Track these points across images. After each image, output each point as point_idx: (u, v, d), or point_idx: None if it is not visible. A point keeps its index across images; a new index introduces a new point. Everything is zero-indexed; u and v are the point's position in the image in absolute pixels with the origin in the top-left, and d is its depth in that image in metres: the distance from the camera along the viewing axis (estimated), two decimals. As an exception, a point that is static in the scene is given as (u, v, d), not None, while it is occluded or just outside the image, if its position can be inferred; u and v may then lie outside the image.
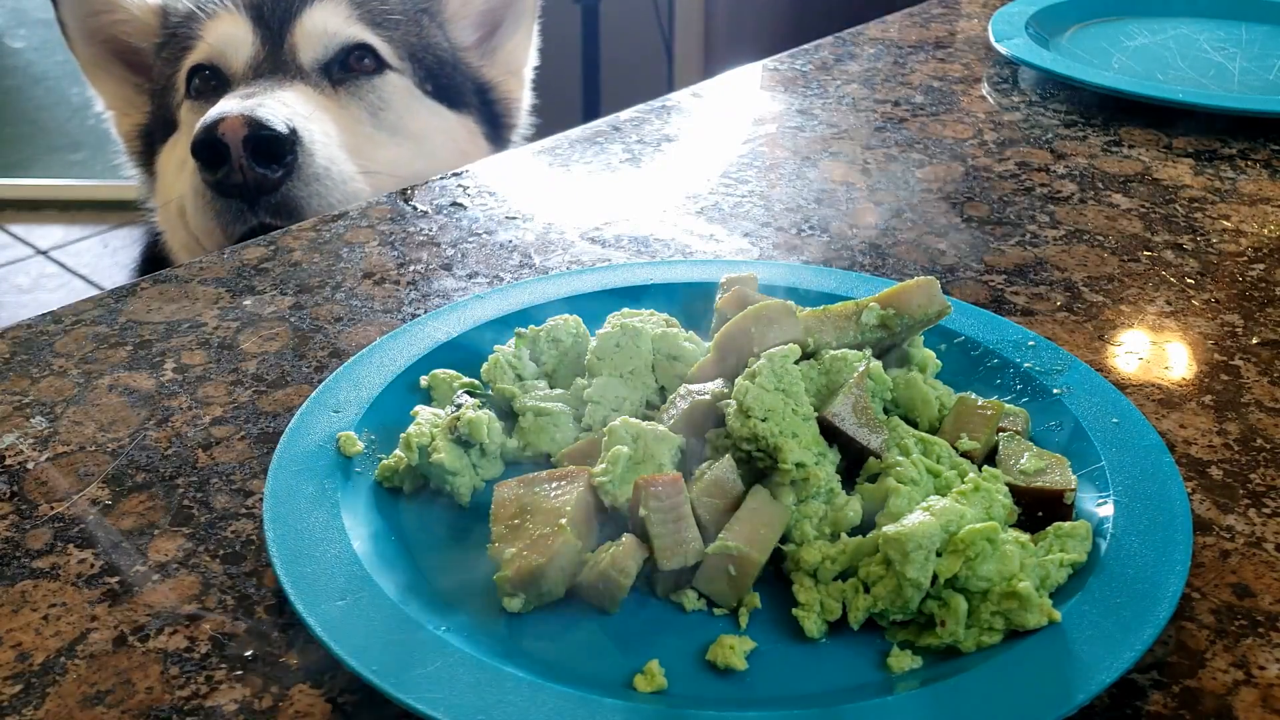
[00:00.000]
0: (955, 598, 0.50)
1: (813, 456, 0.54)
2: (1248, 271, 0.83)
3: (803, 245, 0.87)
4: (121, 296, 0.79)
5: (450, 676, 0.46)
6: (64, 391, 0.69)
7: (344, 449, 0.59)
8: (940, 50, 1.31)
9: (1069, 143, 1.06)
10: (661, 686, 0.48)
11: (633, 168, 1.01)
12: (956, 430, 0.59)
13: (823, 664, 0.49)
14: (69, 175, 3.37)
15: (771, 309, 0.60)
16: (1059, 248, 0.86)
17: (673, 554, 0.51)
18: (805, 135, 1.07)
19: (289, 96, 1.15)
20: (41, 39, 3.72)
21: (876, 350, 0.62)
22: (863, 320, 0.62)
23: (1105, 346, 0.74)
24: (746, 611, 0.52)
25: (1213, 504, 0.59)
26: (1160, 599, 0.49)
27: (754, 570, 0.51)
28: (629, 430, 0.55)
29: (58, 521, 0.58)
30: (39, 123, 3.55)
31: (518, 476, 0.55)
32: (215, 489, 0.60)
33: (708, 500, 0.53)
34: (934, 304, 0.62)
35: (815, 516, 0.54)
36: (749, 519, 0.52)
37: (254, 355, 0.72)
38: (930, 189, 0.96)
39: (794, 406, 0.55)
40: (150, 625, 0.52)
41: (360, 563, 0.52)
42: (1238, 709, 0.48)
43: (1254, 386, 0.69)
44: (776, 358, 0.56)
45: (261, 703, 0.48)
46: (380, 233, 0.88)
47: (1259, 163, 1.01)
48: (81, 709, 0.47)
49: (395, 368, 0.65)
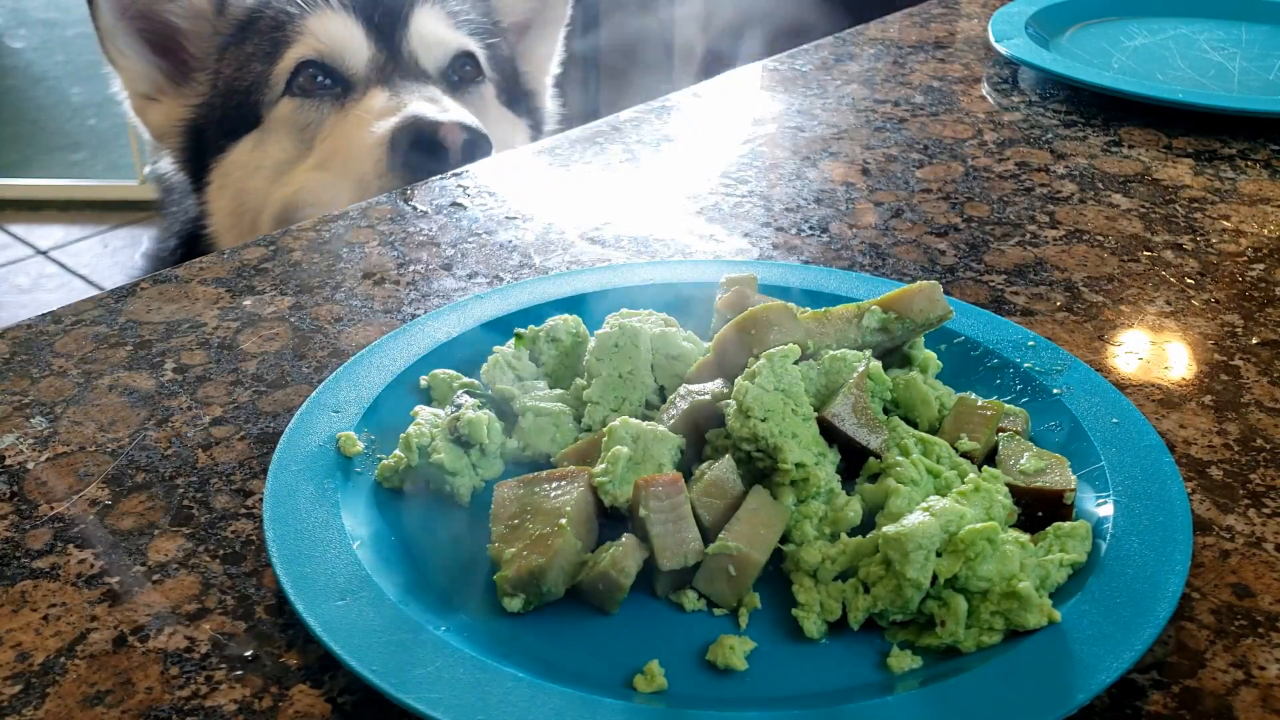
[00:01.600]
0: (955, 598, 0.50)
1: (813, 457, 0.54)
2: (1248, 271, 0.83)
3: (803, 245, 0.87)
4: (121, 296, 0.79)
5: (450, 677, 0.46)
6: (64, 391, 0.69)
7: (344, 449, 0.59)
8: (940, 50, 1.31)
9: (1069, 143, 1.06)
10: (661, 686, 0.48)
11: (632, 168, 1.01)
12: (956, 431, 0.59)
13: (823, 664, 0.49)
14: (69, 175, 3.37)
15: (773, 311, 0.60)
16: (1059, 248, 0.86)
17: (673, 554, 0.51)
18: (805, 135, 1.07)
19: (451, 103, 1.18)
20: (41, 39, 3.72)
21: (877, 352, 0.62)
22: (864, 323, 0.62)
23: (1105, 347, 0.74)
24: (746, 611, 0.52)
25: (1213, 504, 0.59)
26: (1160, 599, 0.49)
27: (754, 571, 0.51)
28: (629, 430, 0.55)
29: (58, 521, 0.58)
30: (39, 123, 3.55)
31: (518, 477, 0.55)
32: (215, 489, 0.60)
33: (708, 500, 0.53)
34: (936, 308, 0.62)
35: (815, 517, 0.54)
36: (749, 519, 0.52)
37: (254, 355, 0.72)
38: (930, 189, 0.96)
39: (794, 407, 0.55)
40: (150, 625, 0.52)
41: (360, 563, 0.52)
42: (1238, 709, 0.48)
43: (1254, 386, 0.69)
44: (776, 358, 0.56)
45: (261, 703, 0.48)
46: (380, 233, 0.88)
47: (1259, 163, 1.01)
48: (81, 709, 0.47)
49: (395, 368, 0.65)
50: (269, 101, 1.26)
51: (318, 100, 1.23)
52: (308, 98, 1.23)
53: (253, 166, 1.27)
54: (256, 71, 1.26)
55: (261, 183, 1.26)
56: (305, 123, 1.24)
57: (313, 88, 1.23)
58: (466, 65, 1.28)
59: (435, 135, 1.09)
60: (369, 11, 1.25)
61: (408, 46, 1.24)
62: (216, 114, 1.30)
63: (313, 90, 1.23)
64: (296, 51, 1.23)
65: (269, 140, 1.26)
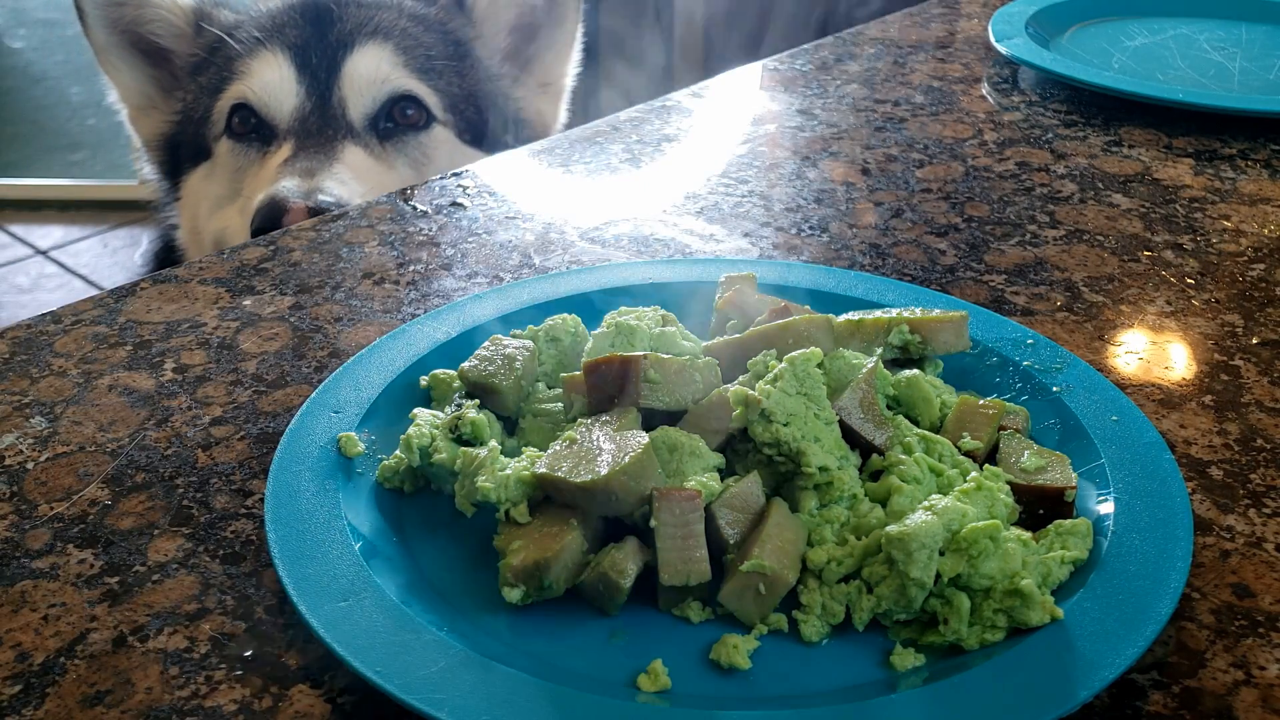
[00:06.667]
0: (959, 596, 0.50)
1: (835, 461, 0.54)
2: (1248, 271, 0.83)
3: (803, 245, 0.87)
4: (121, 296, 0.79)
5: (455, 677, 0.46)
6: (64, 391, 0.69)
7: (345, 450, 0.59)
8: (940, 50, 1.31)
9: (1069, 143, 1.06)
10: (665, 686, 0.48)
11: (633, 168, 1.01)
12: (959, 429, 0.59)
13: (826, 662, 0.49)
14: (69, 175, 3.37)
15: (814, 323, 0.61)
16: (1059, 248, 0.86)
17: (675, 571, 0.51)
18: (805, 135, 1.07)
19: (343, 169, 1.13)
20: (41, 39, 3.72)
21: (888, 364, 0.63)
22: (889, 339, 0.63)
23: (1105, 347, 0.74)
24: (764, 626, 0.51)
25: (1213, 504, 0.59)
26: (1162, 594, 0.49)
27: (783, 590, 0.51)
28: (666, 440, 0.55)
29: (58, 521, 0.58)
30: (39, 123, 3.55)
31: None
32: (215, 489, 0.60)
33: (729, 513, 0.53)
34: (960, 342, 0.64)
35: (837, 522, 0.53)
36: (778, 535, 0.51)
37: (254, 355, 0.72)
38: (930, 189, 0.96)
39: (816, 411, 0.55)
40: (150, 625, 0.52)
41: (362, 564, 0.51)
42: (1238, 709, 0.48)
43: (1254, 386, 0.69)
44: (799, 361, 0.55)
45: (261, 703, 0.48)
46: (380, 233, 0.88)
47: (1259, 163, 1.01)
48: (81, 709, 0.47)
49: (395, 368, 0.65)
50: (214, 136, 1.25)
51: (246, 146, 1.21)
52: (239, 141, 1.22)
53: (201, 195, 1.27)
54: (205, 104, 1.26)
55: (205, 212, 1.26)
56: (236, 166, 1.22)
57: (244, 131, 1.21)
58: (408, 109, 1.22)
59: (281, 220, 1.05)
60: (306, 54, 1.21)
61: (338, 93, 1.19)
62: (188, 134, 1.30)
63: (244, 134, 1.21)
64: (234, 91, 1.21)
65: (215, 173, 1.26)
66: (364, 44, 1.22)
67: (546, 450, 0.54)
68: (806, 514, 0.54)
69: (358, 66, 1.20)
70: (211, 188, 1.25)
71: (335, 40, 1.22)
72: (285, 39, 1.22)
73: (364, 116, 1.20)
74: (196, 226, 1.28)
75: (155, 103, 1.33)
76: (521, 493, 0.53)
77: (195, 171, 1.28)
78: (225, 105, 1.22)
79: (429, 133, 1.23)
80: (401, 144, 1.22)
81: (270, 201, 1.07)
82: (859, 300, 0.71)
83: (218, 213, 1.23)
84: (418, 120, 1.22)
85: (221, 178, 1.24)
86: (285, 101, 1.19)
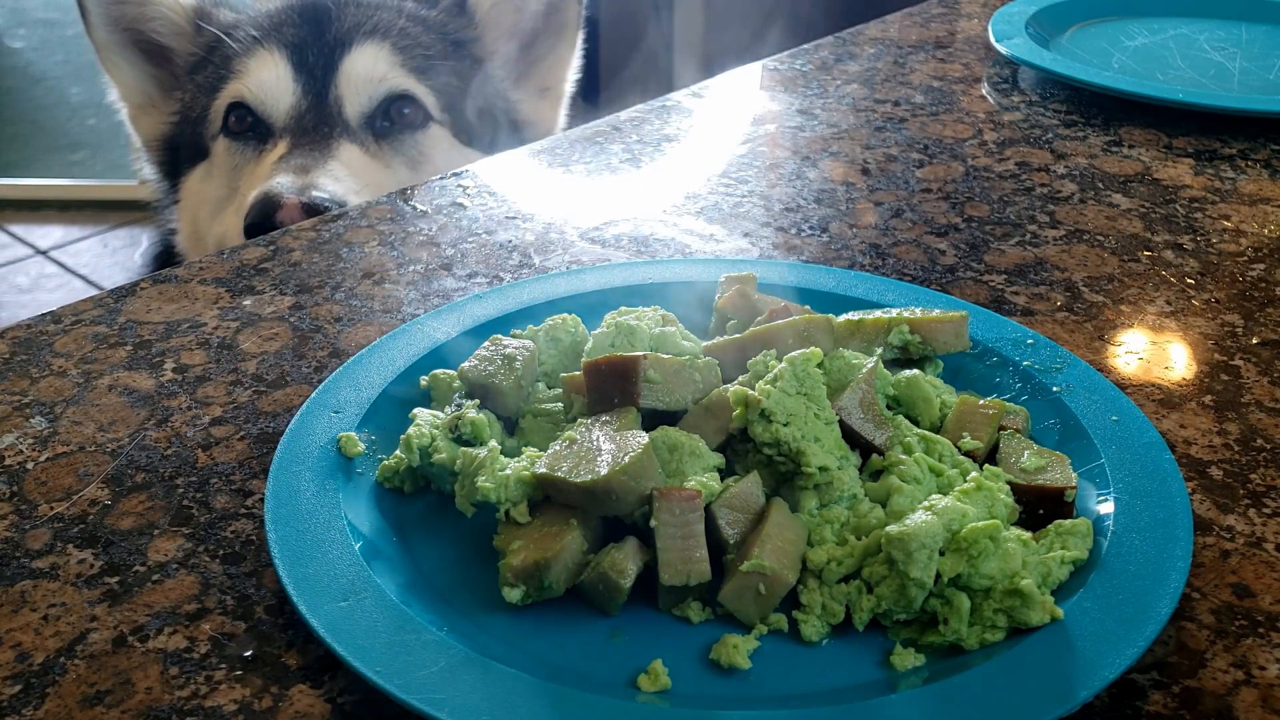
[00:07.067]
0: (959, 596, 0.50)
1: (835, 461, 0.54)
2: (1248, 271, 0.83)
3: (803, 245, 0.87)
4: (121, 296, 0.79)
5: (455, 677, 0.46)
6: (64, 391, 0.69)
7: (345, 450, 0.59)
8: (940, 50, 1.31)
9: (1069, 143, 1.06)
10: (665, 686, 0.48)
11: (633, 168, 1.01)
12: (959, 429, 0.59)
13: (826, 662, 0.49)
14: (69, 175, 3.37)
15: (814, 323, 0.60)
16: (1059, 248, 0.86)
17: (675, 571, 0.51)
18: (805, 135, 1.07)
19: (338, 166, 1.13)
20: (41, 39, 3.72)
21: (888, 364, 0.63)
22: (889, 339, 0.63)
23: (1105, 346, 0.74)
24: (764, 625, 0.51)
25: (1213, 504, 0.59)
26: (1162, 594, 0.49)
27: (784, 590, 0.51)
28: (666, 440, 0.55)
29: (58, 521, 0.58)
30: (39, 123, 3.55)
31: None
32: (215, 489, 0.60)
33: (729, 513, 0.53)
34: (959, 342, 0.64)
35: (837, 522, 0.53)
36: (778, 535, 0.51)
37: (254, 355, 0.72)
38: (930, 189, 0.96)
39: (816, 411, 0.55)
40: (150, 625, 0.52)
41: (363, 564, 0.51)
42: (1238, 709, 0.48)
43: (1254, 386, 0.69)
44: (799, 361, 0.55)
45: (261, 703, 0.48)
46: (380, 233, 0.88)
47: (1259, 163, 1.01)
48: (81, 709, 0.47)
49: (395, 368, 0.65)
50: (211, 135, 1.25)
51: (243, 144, 1.21)
52: (235, 140, 1.21)
53: (200, 197, 1.27)
54: (203, 103, 1.26)
55: (206, 214, 1.25)
56: (233, 165, 1.22)
57: (240, 130, 1.21)
58: (404, 109, 1.21)
59: (274, 216, 1.05)
60: (303, 53, 1.21)
61: (334, 91, 1.19)
62: (186, 135, 1.30)
63: (241, 133, 1.21)
64: (231, 90, 1.21)
65: (213, 174, 1.25)
66: (361, 43, 1.21)
67: (546, 450, 0.54)
68: (806, 514, 0.54)
69: (354, 65, 1.20)
70: (210, 189, 1.25)
71: (332, 39, 1.22)
72: (282, 38, 1.22)
73: (360, 115, 1.20)
74: (197, 231, 1.27)
75: (155, 102, 1.33)
76: (521, 493, 0.53)
77: (194, 172, 1.28)
78: (222, 104, 1.22)
79: (426, 132, 1.23)
80: (398, 143, 1.22)
81: (264, 197, 1.07)
82: (859, 300, 0.71)
83: (219, 217, 1.23)
84: (415, 120, 1.22)
85: (219, 177, 1.23)
86: (281, 100, 1.19)
